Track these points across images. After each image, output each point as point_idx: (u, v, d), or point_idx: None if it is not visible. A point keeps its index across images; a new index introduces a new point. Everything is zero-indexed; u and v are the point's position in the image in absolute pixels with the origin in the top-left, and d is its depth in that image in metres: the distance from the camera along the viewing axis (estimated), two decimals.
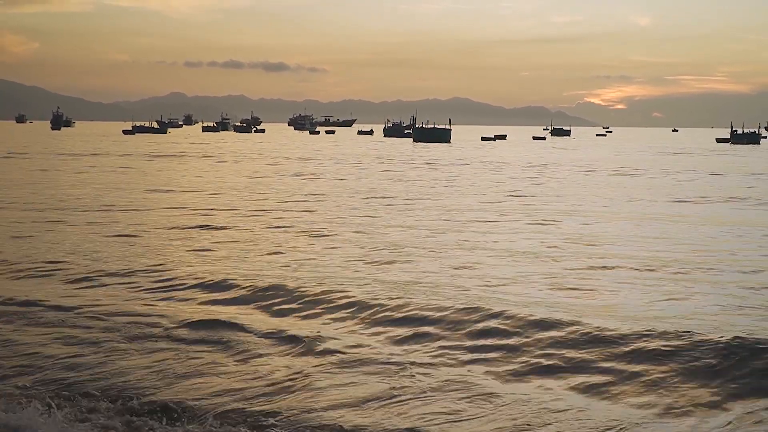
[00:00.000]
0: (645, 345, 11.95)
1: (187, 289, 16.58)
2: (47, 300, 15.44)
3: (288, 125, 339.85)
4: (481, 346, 12.48)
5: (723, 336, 11.98)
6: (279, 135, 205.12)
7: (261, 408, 10.11)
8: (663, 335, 12.24)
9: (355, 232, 25.02)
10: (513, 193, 40.26)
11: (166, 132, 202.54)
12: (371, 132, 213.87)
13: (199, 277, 17.48)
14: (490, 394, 10.43)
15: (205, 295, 16.12)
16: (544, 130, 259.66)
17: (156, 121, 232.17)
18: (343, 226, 26.65)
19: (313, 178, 50.85)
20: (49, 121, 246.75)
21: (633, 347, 11.92)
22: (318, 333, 13.17)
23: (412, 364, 11.58)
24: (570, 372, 11.28)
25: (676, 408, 9.98)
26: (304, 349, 12.39)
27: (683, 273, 18.11)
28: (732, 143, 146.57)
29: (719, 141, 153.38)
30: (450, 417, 9.72)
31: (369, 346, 12.57)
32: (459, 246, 22.17)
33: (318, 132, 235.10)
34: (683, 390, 10.53)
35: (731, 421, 9.50)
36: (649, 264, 19.11)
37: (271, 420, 9.73)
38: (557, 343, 12.31)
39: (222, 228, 26.05)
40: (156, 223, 27.31)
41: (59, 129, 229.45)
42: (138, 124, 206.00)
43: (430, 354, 12.15)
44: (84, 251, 21.03)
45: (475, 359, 11.93)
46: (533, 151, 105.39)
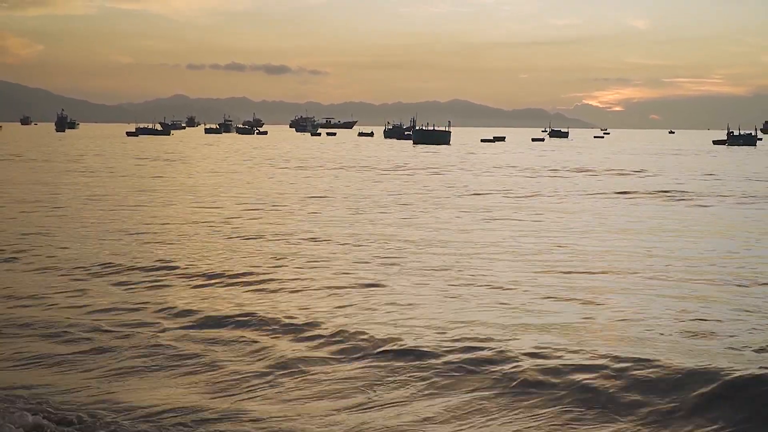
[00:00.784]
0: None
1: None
2: None
3: (290, 127, 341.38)
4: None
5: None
6: (281, 137, 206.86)
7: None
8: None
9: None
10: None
11: (169, 134, 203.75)
12: (371, 134, 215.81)
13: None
14: None
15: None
16: (542, 132, 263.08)
17: (159, 123, 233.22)
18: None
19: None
20: (54, 123, 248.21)
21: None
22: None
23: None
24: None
25: None
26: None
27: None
28: (728, 145, 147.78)
29: (716, 143, 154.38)
30: None
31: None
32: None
33: (319, 134, 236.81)
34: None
35: None
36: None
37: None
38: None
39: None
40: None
41: (63, 131, 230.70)
42: (142, 126, 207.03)
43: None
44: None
45: None
46: (531, 153, 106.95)
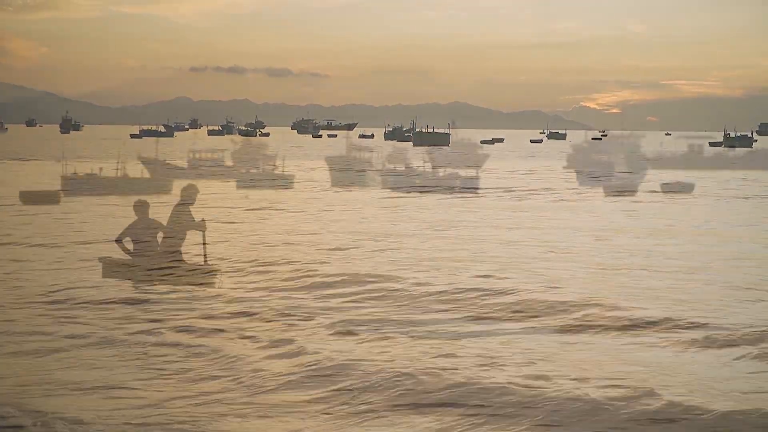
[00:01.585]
0: None
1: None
2: None
3: (291, 129, 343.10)
4: None
5: None
6: (284, 138, 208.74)
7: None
8: None
9: None
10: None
11: (173, 135, 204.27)
12: (372, 136, 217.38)
13: None
14: None
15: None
16: (540, 133, 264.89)
17: (163, 125, 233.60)
18: None
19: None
20: (59, 125, 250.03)
21: None
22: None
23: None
24: None
25: None
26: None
27: None
28: (725, 147, 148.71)
29: (712, 144, 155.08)
30: None
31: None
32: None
33: (321, 135, 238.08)
34: None
35: None
36: None
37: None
38: None
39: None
40: None
41: (68, 132, 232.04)
42: (145, 127, 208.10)
43: None
44: None
45: None
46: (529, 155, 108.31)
